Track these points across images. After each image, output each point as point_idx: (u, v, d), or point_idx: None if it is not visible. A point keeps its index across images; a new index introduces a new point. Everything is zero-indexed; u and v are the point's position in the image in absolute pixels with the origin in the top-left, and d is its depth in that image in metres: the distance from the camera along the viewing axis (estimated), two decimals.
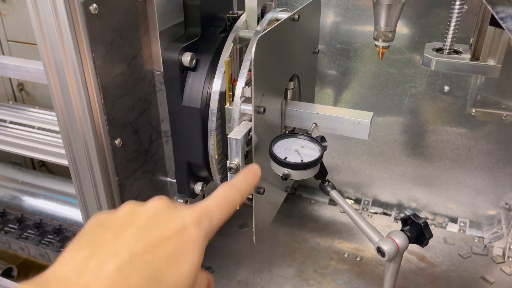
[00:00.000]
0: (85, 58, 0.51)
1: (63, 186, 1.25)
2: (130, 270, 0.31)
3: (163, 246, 0.32)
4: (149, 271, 0.31)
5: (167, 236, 0.33)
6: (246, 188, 0.42)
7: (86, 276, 0.30)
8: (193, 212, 0.35)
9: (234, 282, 0.88)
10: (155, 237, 0.33)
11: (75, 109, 0.53)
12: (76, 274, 0.30)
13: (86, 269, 0.30)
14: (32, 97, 1.44)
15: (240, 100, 0.60)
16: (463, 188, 0.98)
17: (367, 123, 0.67)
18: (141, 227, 0.33)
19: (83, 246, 0.32)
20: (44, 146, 0.85)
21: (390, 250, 0.60)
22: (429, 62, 0.59)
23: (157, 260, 0.32)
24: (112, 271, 0.30)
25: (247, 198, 0.70)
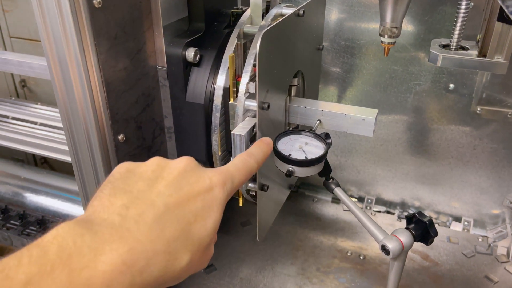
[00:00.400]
0: (89, 52, 0.50)
1: (65, 183, 1.25)
2: (165, 221, 0.33)
3: (192, 202, 0.35)
4: (180, 223, 0.34)
5: (196, 193, 0.36)
6: (261, 157, 0.46)
7: (128, 222, 0.32)
8: (219, 174, 0.39)
9: (237, 279, 0.87)
10: (186, 193, 0.36)
11: (78, 104, 0.53)
12: (119, 218, 0.32)
13: (127, 215, 0.32)
14: (35, 93, 1.44)
15: (244, 96, 0.59)
16: (467, 186, 0.97)
17: (372, 120, 0.67)
18: (173, 181, 0.36)
19: (119, 193, 0.34)
20: (47, 142, 0.85)
21: (394, 248, 0.60)
22: (435, 58, 0.58)
23: (188, 214, 0.35)
24: (151, 220, 0.33)
25: (250, 196, 0.70)
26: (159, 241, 0.33)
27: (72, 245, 0.29)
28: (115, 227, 0.31)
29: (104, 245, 0.30)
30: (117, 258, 0.30)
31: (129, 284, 0.30)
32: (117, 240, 0.31)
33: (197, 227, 0.35)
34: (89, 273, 0.29)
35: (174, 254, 0.34)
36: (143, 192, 0.34)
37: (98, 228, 0.31)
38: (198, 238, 0.35)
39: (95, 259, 0.29)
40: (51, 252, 0.28)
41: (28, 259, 0.28)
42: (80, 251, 0.29)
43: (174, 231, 0.33)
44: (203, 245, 0.36)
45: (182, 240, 0.34)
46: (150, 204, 0.34)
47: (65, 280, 0.28)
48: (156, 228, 0.33)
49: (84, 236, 0.30)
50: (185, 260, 0.34)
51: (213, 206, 0.37)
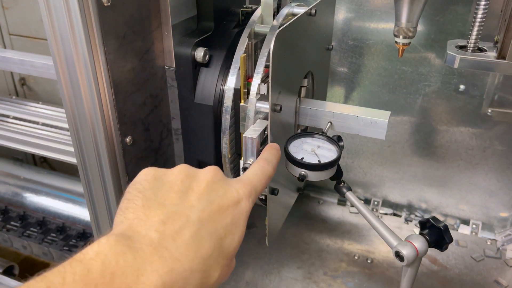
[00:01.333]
0: (97, 52, 0.49)
1: (65, 183, 1.23)
2: (200, 238, 0.34)
3: (223, 217, 0.36)
4: (213, 240, 0.35)
5: (226, 207, 0.37)
6: (275, 163, 0.47)
7: (166, 240, 0.32)
8: (244, 187, 0.39)
9: (243, 283, 0.86)
10: (217, 207, 0.36)
11: (85, 105, 0.51)
12: (157, 235, 0.32)
13: (165, 232, 0.33)
14: (35, 92, 1.42)
15: (255, 97, 0.58)
16: (476, 189, 0.96)
17: (385, 123, 0.65)
18: (203, 194, 0.36)
19: (153, 206, 0.34)
20: (51, 143, 0.83)
21: (409, 255, 0.58)
22: (453, 60, 0.57)
23: (219, 229, 0.35)
24: (188, 237, 0.33)
25: (259, 199, 0.68)
26: (196, 260, 0.33)
27: (114, 264, 0.30)
28: (154, 245, 0.32)
29: (145, 265, 0.30)
30: (158, 280, 0.30)
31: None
32: (157, 260, 0.31)
33: (227, 241, 0.36)
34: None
35: (208, 271, 0.34)
36: (176, 206, 0.35)
37: (139, 246, 0.31)
38: (228, 252, 0.36)
39: (137, 280, 0.30)
40: (95, 270, 0.29)
41: (72, 277, 0.28)
42: (123, 271, 0.29)
43: (208, 248, 0.34)
44: (230, 259, 0.37)
45: (215, 257, 0.35)
46: (186, 220, 0.34)
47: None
48: (193, 246, 0.33)
49: (126, 255, 0.30)
50: (216, 275, 0.35)
51: (240, 220, 0.37)
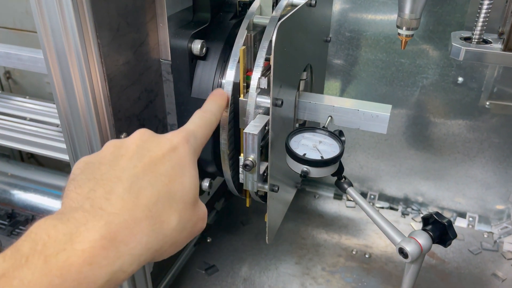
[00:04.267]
0: (90, 44, 0.46)
1: (54, 179, 1.19)
2: (137, 189, 0.33)
3: (160, 165, 0.35)
4: (155, 187, 0.34)
5: (160, 156, 0.36)
6: (218, 110, 0.48)
7: (98, 201, 0.31)
8: (179, 134, 0.39)
9: (240, 280, 0.84)
10: (150, 159, 0.35)
11: (78, 101, 0.48)
12: (88, 202, 0.31)
13: (95, 197, 0.32)
14: (20, 86, 1.37)
15: (256, 92, 0.56)
16: (472, 182, 0.95)
17: (386, 117, 0.64)
18: (133, 154, 0.36)
19: (84, 183, 0.33)
20: (41, 140, 0.80)
21: (413, 252, 0.57)
22: (458, 52, 0.55)
23: (159, 177, 0.35)
24: (121, 192, 0.32)
25: (259, 196, 0.66)
26: (137, 209, 0.32)
27: (46, 237, 0.29)
28: (86, 210, 0.31)
29: (79, 228, 0.30)
30: (95, 234, 0.29)
31: (115, 256, 0.30)
32: (91, 220, 0.30)
33: (174, 186, 0.35)
34: (66, 254, 0.28)
35: (158, 217, 0.33)
36: (107, 173, 0.34)
37: (70, 216, 0.30)
38: (181, 196, 0.35)
39: (72, 241, 0.29)
40: (25, 247, 0.28)
41: (2, 259, 0.28)
42: (55, 239, 0.29)
43: (150, 196, 0.33)
44: (189, 203, 0.36)
45: (163, 202, 0.34)
46: (117, 180, 0.33)
47: (41, 265, 0.27)
48: (130, 197, 0.32)
49: (57, 226, 0.29)
50: (174, 220, 0.34)
51: (183, 163, 0.37)
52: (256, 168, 0.56)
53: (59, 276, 0.28)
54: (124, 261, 0.30)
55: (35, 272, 0.27)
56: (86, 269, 0.29)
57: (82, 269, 0.28)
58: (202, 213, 0.39)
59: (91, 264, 0.29)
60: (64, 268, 0.28)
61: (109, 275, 0.30)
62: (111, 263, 0.30)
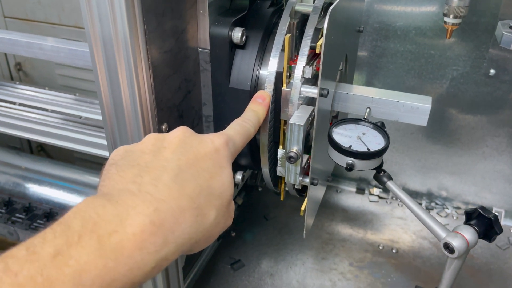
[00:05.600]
0: (137, 30, 0.44)
1: (68, 172, 1.18)
2: (182, 180, 0.33)
3: (202, 162, 0.36)
4: (198, 180, 0.34)
5: (203, 154, 0.37)
6: (257, 121, 0.49)
7: (145, 186, 0.31)
8: (220, 137, 0.40)
9: (267, 276, 0.83)
10: (194, 155, 0.36)
11: (122, 91, 0.47)
12: (135, 186, 0.31)
13: (142, 182, 0.32)
14: (31, 77, 1.35)
15: (300, 81, 0.54)
16: (500, 177, 0.94)
17: (427, 108, 0.62)
18: (177, 148, 0.36)
19: (127, 168, 0.33)
20: (76, 135, 0.77)
21: (460, 247, 0.55)
22: (509, 41, 0.54)
23: (202, 172, 0.35)
24: (168, 180, 0.33)
25: (295, 190, 0.65)
26: (183, 198, 0.32)
27: (95, 216, 0.29)
28: (134, 193, 0.31)
29: (128, 210, 0.29)
30: (145, 219, 0.29)
31: (162, 243, 0.30)
32: (141, 204, 0.30)
33: (215, 182, 0.36)
34: (119, 237, 0.28)
35: (201, 209, 0.34)
36: (151, 162, 0.34)
37: (118, 197, 0.30)
38: (219, 193, 0.36)
39: (122, 223, 0.29)
40: (76, 225, 0.28)
41: (52, 235, 0.27)
42: (105, 219, 0.28)
43: (194, 188, 0.34)
44: (226, 200, 0.37)
45: (205, 196, 0.34)
46: (162, 169, 0.33)
47: (95, 246, 0.27)
48: (176, 186, 0.33)
49: (106, 207, 0.29)
50: (213, 215, 0.35)
51: (222, 163, 0.38)
52: (300, 160, 0.55)
53: (113, 259, 0.27)
54: (170, 249, 0.31)
55: (91, 253, 0.27)
56: (136, 254, 0.28)
57: (133, 254, 0.28)
58: (232, 211, 0.40)
59: (141, 249, 0.29)
60: (117, 251, 0.28)
61: (155, 262, 0.30)
62: (159, 250, 0.30)
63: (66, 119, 0.82)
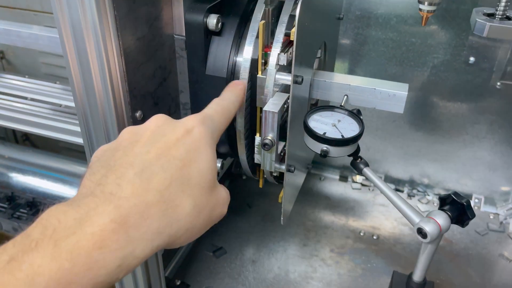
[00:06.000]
0: (106, 16, 0.44)
1: (52, 161, 1.17)
2: (149, 174, 0.32)
3: (173, 149, 0.34)
4: (168, 171, 0.33)
5: (174, 140, 0.35)
6: (236, 99, 0.46)
7: (109, 187, 0.31)
8: (194, 117, 0.38)
9: (248, 262, 0.84)
10: (164, 144, 0.35)
11: (94, 78, 0.46)
12: (99, 188, 0.31)
13: (106, 183, 0.31)
14: (14, 66, 1.33)
15: (275, 68, 0.54)
16: (480, 164, 0.95)
17: (404, 95, 0.63)
18: (147, 140, 0.35)
19: (97, 170, 0.33)
20: (48, 121, 0.77)
21: (432, 232, 0.56)
22: (482, 28, 0.54)
23: (173, 161, 0.34)
24: (132, 177, 0.32)
25: (273, 177, 0.65)
26: (148, 193, 0.31)
27: (56, 222, 0.28)
28: (96, 195, 0.31)
29: (89, 213, 0.29)
30: (105, 218, 0.29)
31: (126, 241, 0.29)
32: (101, 204, 0.30)
33: (189, 171, 0.34)
34: (76, 238, 0.28)
35: (171, 201, 0.32)
36: (119, 160, 0.34)
37: (81, 201, 0.30)
38: (197, 179, 0.34)
39: (81, 225, 0.28)
40: (35, 233, 0.28)
41: (12, 245, 0.27)
42: (65, 225, 0.28)
43: (163, 180, 0.32)
44: (205, 187, 0.35)
45: (176, 186, 0.33)
46: (128, 166, 0.33)
47: (50, 250, 0.27)
48: (140, 182, 0.32)
49: (68, 212, 0.29)
50: (188, 205, 0.33)
51: (198, 147, 0.36)
52: (275, 147, 0.55)
53: (69, 260, 0.27)
54: (136, 246, 0.30)
55: (45, 256, 0.27)
56: (96, 253, 0.28)
57: (92, 253, 0.28)
58: (222, 198, 0.38)
59: (101, 248, 0.28)
60: (74, 252, 0.27)
61: (120, 260, 0.29)
62: (122, 247, 0.29)
63: (45, 108, 0.81)
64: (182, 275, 0.80)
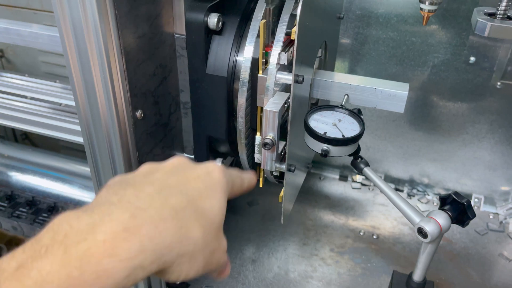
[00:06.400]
0: (107, 15, 0.43)
1: (52, 160, 1.17)
2: (168, 193, 0.32)
3: (193, 182, 0.34)
4: (185, 196, 0.33)
5: (195, 176, 0.35)
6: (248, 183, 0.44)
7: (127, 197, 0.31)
8: (215, 164, 0.38)
9: (248, 261, 0.83)
10: (184, 176, 0.35)
11: (94, 75, 0.46)
12: (116, 197, 0.31)
13: (125, 194, 0.31)
14: (14, 65, 1.33)
15: (276, 68, 0.54)
16: (480, 163, 0.95)
17: (404, 95, 0.63)
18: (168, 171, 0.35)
19: (114, 185, 0.33)
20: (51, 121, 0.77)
21: (433, 231, 0.56)
22: (483, 28, 0.54)
23: (191, 191, 0.33)
24: (152, 192, 0.32)
25: (273, 176, 0.65)
26: (165, 209, 0.31)
27: (68, 227, 0.28)
28: (113, 203, 0.30)
29: (103, 218, 0.28)
30: (118, 225, 0.28)
31: (137, 250, 0.28)
32: (118, 211, 0.29)
33: (204, 203, 0.34)
34: (87, 244, 0.27)
35: (184, 222, 0.32)
36: (140, 181, 0.34)
37: (96, 208, 0.29)
38: (209, 214, 0.34)
39: (94, 231, 0.28)
40: (46, 238, 0.27)
41: (22, 251, 0.27)
42: (77, 230, 0.28)
43: (180, 201, 0.32)
44: (215, 224, 0.34)
45: (191, 211, 0.32)
46: (149, 184, 0.33)
47: (60, 256, 0.26)
48: (159, 197, 0.31)
49: (80, 218, 0.28)
50: (199, 233, 0.32)
51: (216, 187, 0.35)
52: (275, 147, 0.55)
53: (79, 268, 0.26)
54: (146, 257, 0.29)
55: (54, 263, 0.26)
56: (106, 261, 0.27)
57: (102, 261, 0.27)
58: (223, 245, 0.37)
59: (112, 256, 0.27)
60: (83, 259, 0.27)
61: (129, 270, 0.28)
62: (133, 257, 0.28)
63: (45, 106, 0.81)
64: None
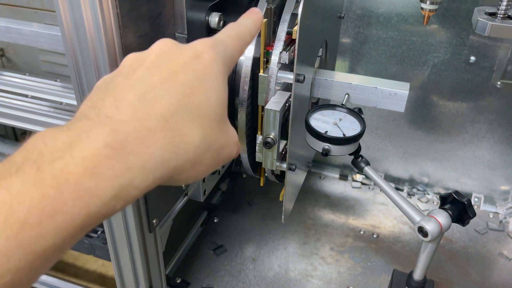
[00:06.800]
0: (109, 14, 0.44)
1: None
2: (153, 97, 0.28)
3: (181, 75, 0.30)
4: (174, 97, 0.29)
5: (181, 65, 0.30)
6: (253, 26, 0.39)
7: (106, 110, 0.27)
8: (204, 41, 0.33)
9: (249, 260, 0.84)
10: (169, 68, 0.30)
11: (96, 76, 0.46)
12: (95, 111, 0.28)
13: (103, 106, 0.28)
14: (14, 63, 1.33)
15: (277, 67, 0.54)
16: (479, 163, 0.95)
17: (405, 94, 0.63)
18: (151, 63, 0.31)
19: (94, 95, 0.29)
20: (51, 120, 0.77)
21: (433, 231, 0.57)
22: (484, 27, 0.54)
23: (180, 86, 0.29)
24: (133, 100, 0.28)
25: (274, 175, 0.65)
26: (151, 118, 0.28)
27: (42, 146, 0.25)
28: (91, 118, 0.27)
29: (81, 135, 0.26)
30: (98, 142, 0.25)
31: (124, 168, 0.26)
32: (96, 127, 0.26)
33: (198, 99, 0.30)
34: (62, 163, 0.24)
35: (177, 129, 0.28)
36: (120, 84, 0.29)
37: (72, 125, 0.27)
38: (206, 110, 0.30)
39: (71, 149, 0.25)
40: (18, 157, 0.25)
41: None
42: (52, 148, 0.25)
43: (168, 105, 0.28)
44: (216, 120, 0.31)
45: (184, 114, 0.29)
46: (129, 89, 0.29)
47: (32, 175, 0.24)
48: (142, 106, 0.28)
49: (56, 135, 0.26)
50: (198, 136, 0.29)
51: (209, 74, 0.31)
52: (276, 146, 0.55)
53: (55, 187, 0.24)
54: (135, 175, 0.27)
55: (25, 181, 0.24)
56: (87, 180, 0.25)
57: (82, 180, 0.25)
58: (232, 137, 0.34)
59: (93, 174, 0.25)
60: (60, 178, 0.24)
61: (116, 189, 0.26)
62: (119, 175, 0.26)
63: (46, 105, 0.81)
64: (182, 273, 0.80)
